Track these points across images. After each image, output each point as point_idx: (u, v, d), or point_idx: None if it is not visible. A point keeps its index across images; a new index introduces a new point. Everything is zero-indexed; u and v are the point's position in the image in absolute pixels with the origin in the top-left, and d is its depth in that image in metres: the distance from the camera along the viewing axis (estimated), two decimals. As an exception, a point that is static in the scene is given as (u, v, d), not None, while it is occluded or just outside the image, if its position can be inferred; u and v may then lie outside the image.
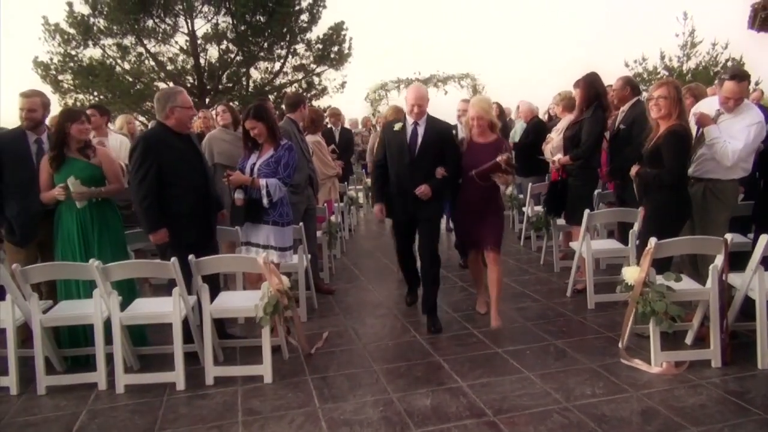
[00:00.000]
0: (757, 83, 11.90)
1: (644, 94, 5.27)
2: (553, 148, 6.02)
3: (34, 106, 4.30)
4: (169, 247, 3.91)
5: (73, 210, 4.03)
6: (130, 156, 3.94)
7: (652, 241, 3.56)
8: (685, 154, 3.96)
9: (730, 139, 4.01)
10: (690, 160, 4.12)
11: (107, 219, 4.16)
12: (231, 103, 9.08)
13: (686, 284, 3.73)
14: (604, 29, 34.25)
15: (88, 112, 5.18)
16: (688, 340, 3.91)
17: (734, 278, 3.73)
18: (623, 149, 5.06)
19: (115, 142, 5.80)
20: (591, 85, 5.23)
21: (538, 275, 6.02)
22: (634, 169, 4.17)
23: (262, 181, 4.13)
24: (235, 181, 4.13)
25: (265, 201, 4.13)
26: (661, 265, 3.76)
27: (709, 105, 4.36)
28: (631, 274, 3.67)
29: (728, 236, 3.59)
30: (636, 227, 4.60)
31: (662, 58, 19.07)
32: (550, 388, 3.42)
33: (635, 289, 3.60)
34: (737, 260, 3.81)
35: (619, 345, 3.92)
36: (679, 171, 3.95)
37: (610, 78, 5.84)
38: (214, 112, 6.29)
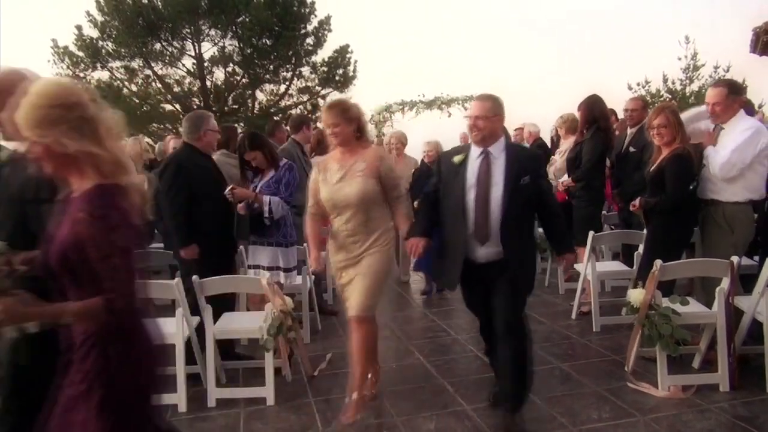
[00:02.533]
0: (759, 106, 11.94)
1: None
2: (556, 170, 6.03)
3: None
4: (195, 263, 3.97)
5: None
6: (160, 176, 4.07)
7: (657, 263, 3.55)
8: (686, 177, 3.95)
9: (722, 148, 3.88)
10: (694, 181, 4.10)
11: None
12: (235, 125, 9.19)
13: (692, 307, 3.70)
14: (608, 52, 34.58)
15: None
16: (696, 363, 3.87)
17: (741, 301, 3.70)
18: (632, 173, 5.04)
19: None
20: (590, 107, 5.26)
21: (542, 297, 5.98)
22: (635, 204, 4.15)
23: (265, 198, 4.16)
24: (240, 195, 4.16)
25: (266, 212, 4.15)
26: (665, 288, 3.73)
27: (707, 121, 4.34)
28: (637, 296, 3.65)
29: (734, 259, 3.58)
30: (641, 249, 4.58)
31: (665, 81, 19.21)
32: (556, 412, 3.38)
33: (641, 312, 3.57)
34: (745, 283, 3.80)
35: (626, 368, 3.88)
36: (680, 194, 3.94)
37: (614, 100, 5.89)
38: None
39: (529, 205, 3.13)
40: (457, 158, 3.24)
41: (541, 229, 6.61)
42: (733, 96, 3.93)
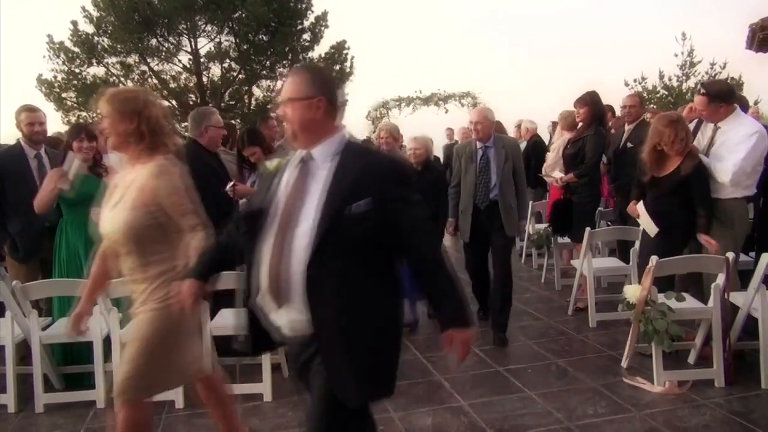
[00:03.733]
0: (755, 102, 11.98)
1: (647, 114, 5.29)
2: (547, 166, 6.03)
3: (44, 118, 4.39)
4: None
5: (82, 227, 4.01)
6: None
7: (653, 259, 3.56)
8: None
9: (728, 153, 3.88)
10: None
11: None
12: (232, 122, 9.17)
13: (688, 303, 3.72)
14: (604, 48, 34.62)
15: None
16: (691, 359, 3.89)
17: (737, 297, 3.71)
18: (630, 168, 5.06)
19: (115, 159, 5.82)
20: (597, 104, 5.28)
21: (539, 293, 6.01)
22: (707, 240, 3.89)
23: None
24: (240, 191, 4.15)
25: None
26: (664, 284, 3.75)
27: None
28: (633, 292, 3.66)
29: (730, 255, 3.59)
30: (637, 245, 4.60)
31: (661, 77, 19.21)
32: (552, 408, 3.39)
33: (637, 308, 3.59)
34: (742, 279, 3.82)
35: (622, 364, 3.90)
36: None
37: (612, 97, 5.90)
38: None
39: (370, 247, 1.89)
40: (269, 164, 2.14)
41: (539, 225, 6.76)
42: (716, 103, 3.94)
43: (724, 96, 3.99)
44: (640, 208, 4.19)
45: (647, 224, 4.15)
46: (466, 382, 3.82)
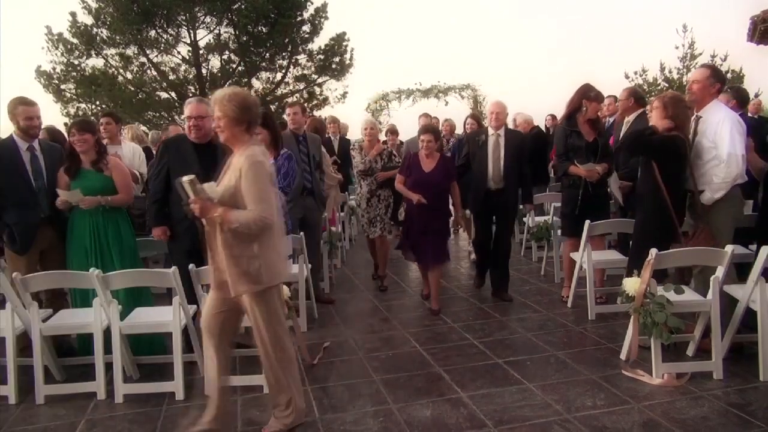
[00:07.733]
0: (756, 95, 11.96)
1: (648, 107, 5.28)
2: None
3: (39, 113, 4.37)
4: (171, 250, 4.24)
5: (86, 217, 4.10)
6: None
7: (653, 252, 3.56)
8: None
9: (717, 149, 3.89)
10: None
11: (119, 226, 4.24)
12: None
13: (687, 296, 3.72)
14: (605, 41, 34.54)
15: (103, 120, 5.34)
16: (690, 351, 3.90)
17: (736, 290, 3.72)
18: (629, 159, 5.07)
19: (129, 151, 5.83)
20: None
21: (538, 286, 6.02)
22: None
23: None
24: None
25: None
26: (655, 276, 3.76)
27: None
28: (632, 285, 3.67)
29: (729, 248, 3.59)
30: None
31: (662, 69, 19.18)
32: (551, 400, 3.40)
33: (636, 301, 3.59)
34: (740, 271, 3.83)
35: (621, 356, 3.91)
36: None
37: (613, 89, 5.88)
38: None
39: None
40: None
41: (539, 217, 6.75)
42: (714, 80, 4.05)
43: (722, 76, 4.20)
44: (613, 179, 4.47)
45: (615, 188, 4.45)
46: (465, 373, 3.83)
